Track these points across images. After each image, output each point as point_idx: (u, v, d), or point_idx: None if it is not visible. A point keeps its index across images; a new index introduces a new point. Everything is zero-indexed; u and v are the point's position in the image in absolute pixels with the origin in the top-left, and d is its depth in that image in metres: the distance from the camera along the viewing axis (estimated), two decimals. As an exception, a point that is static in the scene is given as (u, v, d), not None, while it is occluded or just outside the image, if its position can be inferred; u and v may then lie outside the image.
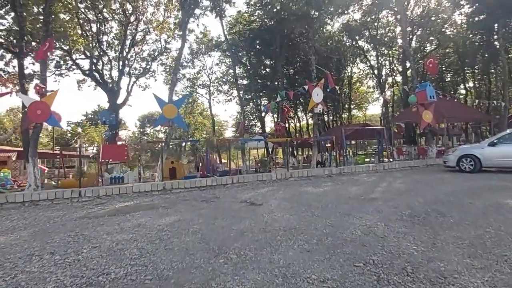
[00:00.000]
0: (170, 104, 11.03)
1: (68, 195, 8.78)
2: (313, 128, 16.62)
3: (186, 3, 13.80)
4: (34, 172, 9.59)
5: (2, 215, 7.48)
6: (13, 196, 8.28)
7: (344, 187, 9.61)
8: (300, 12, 16.80)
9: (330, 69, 35.12)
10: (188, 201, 8.35)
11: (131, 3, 21.40)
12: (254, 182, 11.21)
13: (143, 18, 24.08)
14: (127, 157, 13.72)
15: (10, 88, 13.43)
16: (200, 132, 45.05)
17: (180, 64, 32.99)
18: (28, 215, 7.33)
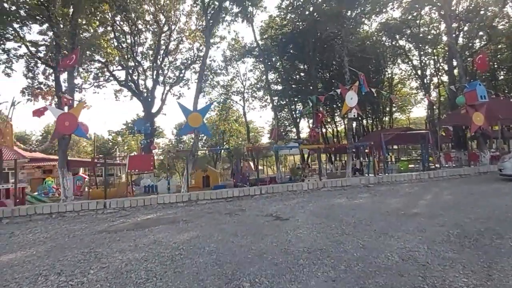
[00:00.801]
0: (195, 112, 10.79)
1: (93, 206, 8.73)
2: (347, 134, 15.64)
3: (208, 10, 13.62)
4: (63, 183, 9.70)
5: (28, 227, 7.51)
6: (41, 208, 8.36)
7: (382, 199, 8.71)
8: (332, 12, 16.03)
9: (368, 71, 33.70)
10: (211, 214, 7.94)
11: (164, 13, 21.79)
12: (284, 192, 10.59)
13: (176, 28, 24.45)
14: (153, 167, 13.68)
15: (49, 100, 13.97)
16: (235, 139, 45.10)
17: (214, 72, 33.29)
18: (51, 228, 7.29)
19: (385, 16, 30.44)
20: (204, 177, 23.50)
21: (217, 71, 33.93)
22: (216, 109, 38.35)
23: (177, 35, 25.04)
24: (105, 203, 8.83)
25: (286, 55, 27.83)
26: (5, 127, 11.03)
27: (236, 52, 30.18)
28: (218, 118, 40.91)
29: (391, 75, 38.22)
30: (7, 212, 8.06)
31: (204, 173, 23.77)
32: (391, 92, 37.87)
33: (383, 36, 32.68)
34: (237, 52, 30.09)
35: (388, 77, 37.79)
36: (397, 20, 30.19)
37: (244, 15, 15.91)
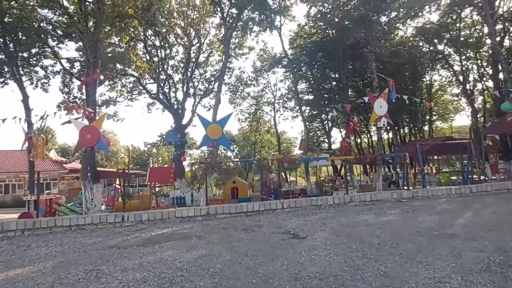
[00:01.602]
0: (214, 123, 10.58)
1: (111, 219, 8.68)
2: (377, 145, 14.73)
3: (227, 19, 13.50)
4: (86, 196, 9.81)
5: (45, 240, 7.55)
6: (61, 220, 8.43)
7: (414, 217, 7.90)
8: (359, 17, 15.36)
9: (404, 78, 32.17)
10: (226, 230, 7.57)
11: (193, 27, 22.16)
12: (308, 207, 10.00)
13: (205, 40, 24.80)
14: (173, 179, 13.58)
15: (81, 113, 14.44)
16: (267, 150, 44.76)
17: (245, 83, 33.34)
18: (67, 241, 7.26)
19: (421, 20, 29.03)
20: (233, 188, 23.31)
21: (247, 82, 33.98)
22: (247, 120, 38.31)
23: (207, 48, 25.41)
24: (123, 216, 8.75)
25: (317, 64, 27.27)
26: (37, 139, 11.46)
27: (266, 62, 30.07)
28: (249, 129, 40.83)
29: (430, 82, 36.27)
30: (29, 224, 8.20)
31: (233, 184, 23.58)
32: (430, 100, 35.95)
33: (420, 41, 31.13)
34: (266, 62, 29.97)
35: (426, 84, 35.88)
36: (435, 23, 28.66)
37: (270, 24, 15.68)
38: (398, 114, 32.34)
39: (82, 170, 10.33)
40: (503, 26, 25.26)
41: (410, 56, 30.29)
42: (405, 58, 29.36)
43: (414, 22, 28.90)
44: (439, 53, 31.37)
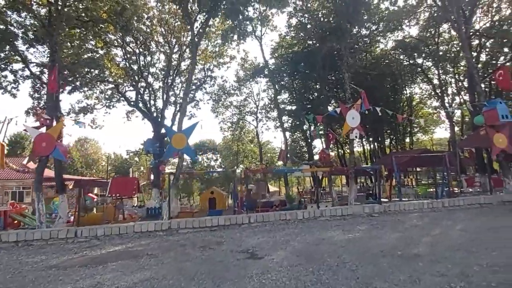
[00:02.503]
0: (179, 133, 10.13)
1: (63, 235, 8.09)
2: (350, 158, 14.51)
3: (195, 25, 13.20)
4: (39, 208, 9.16)
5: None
6: (7, 235, 7.79)
7: (381, 234, 7.59)
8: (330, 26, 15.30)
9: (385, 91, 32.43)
10: (183, 248, 7.09)
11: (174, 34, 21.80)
12: (276, 222, 9.61)
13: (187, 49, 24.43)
14: (135, 191, 12.98)
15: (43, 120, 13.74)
16: (250, 159, 44.30)
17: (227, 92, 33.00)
18: (7, 260, 6.65)
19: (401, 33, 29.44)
20: (211, 199, 22.71)
21: (230, 91, 33.66)
22: (230, 129, 37.92)
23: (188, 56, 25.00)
24: (76, 231, 8.17)
25: (298, 74, 27.20)
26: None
27: (247, 72, 29.88)
28: (231, 138, 40.39)
29: (411, 95, 36.73)
30: (-29, 240, 7.54)
31: (211, 195, 22.99)
32: (411, 113, 36.36)
33: (400, 54, 31.53)
34: (248, 72, 29.78)
35: (407, 97, 36.30)
36: (415, 38, 29.09)
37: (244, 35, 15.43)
38: (379, 126, 32.51)
39: (36, 181, 9.68)
40: (479, 41, 25.76)
41: (391, 69, 30.58)
42: (385, 70, 29.59)
43: (394, 36, 29.27)
44: (418, 67, 31.82)
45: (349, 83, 13.77)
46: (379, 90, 30.26)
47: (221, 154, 49.54)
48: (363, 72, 29.44)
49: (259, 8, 21.12)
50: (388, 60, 31.19)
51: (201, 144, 51.91)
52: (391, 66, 30.97)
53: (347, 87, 13.82)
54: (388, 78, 31.35)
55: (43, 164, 9.83)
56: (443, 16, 21.38)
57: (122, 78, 20.52)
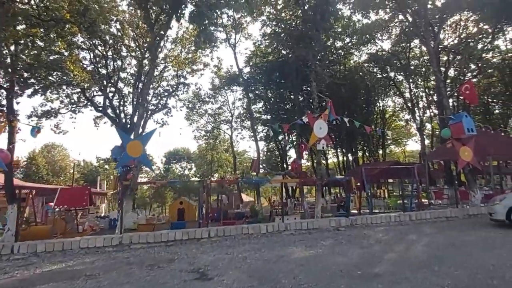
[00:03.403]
0: (135, 140, 9.53)
1: (-4, 251, 7.26)
2: (316, 168, 14.27)
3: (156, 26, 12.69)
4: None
5: None
6: None
7: (344, 250, 7.22)
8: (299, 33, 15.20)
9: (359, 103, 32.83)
10: (129, 266, 6.45)
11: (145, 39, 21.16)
12: (238, 236, 9.09)
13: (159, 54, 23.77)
14: (86, 202, 12.11)
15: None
16: (224, 169, 43.58)
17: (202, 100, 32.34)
18: None
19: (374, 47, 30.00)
20: (180, 210, 21.86)
21: (205, 99, 33.07)
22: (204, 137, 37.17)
23: (161, 61, 24.35)
24: (13, 247, 7.35)
25: (273, 84, 27.04)
26: None
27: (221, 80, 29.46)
28: (205, 147, 39.60)
29: (383, 107, 37.40)
30: None
31: (180, 205, 22.16)
32: (383, 125, 36.98)
33: (374, 67, 32.09)
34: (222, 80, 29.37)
35: (380, 109, 36.92)
36: (387, 51, 29.69)
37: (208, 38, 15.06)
38: (352, 138, 32.78)
39: None
40: (447, 57, 26.53)
41: (364, 81, 31.02)
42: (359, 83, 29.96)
43: (367, 49, 29.77)
44: (391, 80, 32.46)
45: (316, 92, 13.58)
46: (353, 102, 30.58)
47: (195, 163, 48.52)
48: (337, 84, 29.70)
49: (233, 15, 20.91)
50: (362, 73, 31.65)
51: (174, 152, 50.75)
52: (365, 79, 31.43)
53: (314, 96, 13.61)
54: (362, 90, 31.75)
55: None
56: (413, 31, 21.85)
57: (88, 82, 19.58)
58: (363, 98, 33.15)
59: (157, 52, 14.47)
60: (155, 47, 12.26)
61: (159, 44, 13.83)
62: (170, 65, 25.21)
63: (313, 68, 13.84)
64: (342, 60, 30.61)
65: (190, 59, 24.41)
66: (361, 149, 39.71)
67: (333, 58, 29.66)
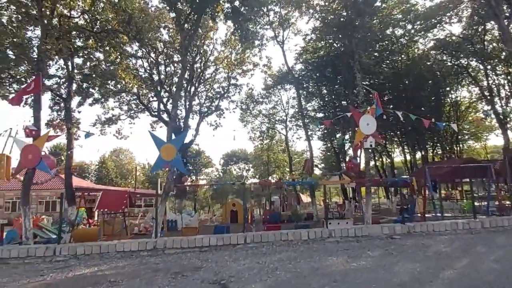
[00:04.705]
0: (168, 144, 9.39)
1: (41, 253, 7.60)
2: (365, 168, 12.88)
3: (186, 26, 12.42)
4: (25, 223, 8.82)
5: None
6: (-17, 252, 7.44)
7: (393, 264, 6.18)
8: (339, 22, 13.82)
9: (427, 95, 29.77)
10: (154, 274, 6.23)
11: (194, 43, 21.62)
12: (276, 242, 8.45)
13: (208, 57, 24.16)
14: (125, 206, 12.31)
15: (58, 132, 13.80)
16: (282, 169, 42.95)
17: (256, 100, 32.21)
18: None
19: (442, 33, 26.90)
20: (232, 211, 21.84)
21: (258, 99, 32.87)
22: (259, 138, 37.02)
23: (210, 64, 24.76)
24: (55, 249, 7.64)
25: (326, 80, 25.75)
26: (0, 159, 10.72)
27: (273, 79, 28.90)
28: (261, 148, 39.43)
29: (456, 99, 33.55)
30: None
31: (233, 207, 22.15)
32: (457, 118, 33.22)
33: (442, 55, 28.84)
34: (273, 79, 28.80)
35: (452, 101, 33.17)
36: (458, 36, 26.42)
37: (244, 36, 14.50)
38: (419, 133, 29.97)
39: (22, 195, 9.41)
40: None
41: (432, 71, 28.04)
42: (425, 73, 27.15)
43: (432, 35, 26.81)
44: (463, 67, 28.93)
45: (361, 84, 12.31)
46: (419, 94, 27.86)
47: (252, 164, 48.74)
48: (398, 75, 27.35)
49: (279, 11, 20.25)
50: (428, 61, 28.67)
51: (232, 153, 51.59)
52: (432, 68, 28.44)
53: (360, 89, 12.35)
54: (429, 80, 28.80)
55: (29, 177, 9.56)
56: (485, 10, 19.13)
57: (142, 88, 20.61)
58: (431, 90, 30.07)
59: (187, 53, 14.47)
60: (185, 47, 12.18)
61: (189, 44, 13.78)
62: (220, 67, 25.49)
63: (357, 58, 12.61)
64: (404, 49, 28.05)
65: (238, 59, 24.40)
66: (432, 145, 36.23)
67: (394, 47, 27.32)
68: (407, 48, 28.22)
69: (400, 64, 27.17)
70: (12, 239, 11.42)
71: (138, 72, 21.30)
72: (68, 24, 13.10)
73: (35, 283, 5.88)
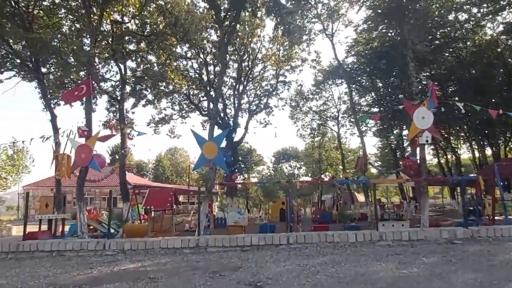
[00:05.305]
0: (210, 141, 9.35)
1: (92, 247, 8.02)
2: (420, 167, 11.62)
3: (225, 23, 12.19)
4: (80, 218, 9.40)
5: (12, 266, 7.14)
6: (43, 244, 8.03)
7: (449, 272, 5.47)
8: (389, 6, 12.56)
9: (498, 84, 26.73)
10: (192, 272, 6.21)
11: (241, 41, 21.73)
12: (321, 244, 8.02)
13: (257, 55, 24.13)
14: (171, 204, 12.48)
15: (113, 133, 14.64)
16: (334, 167, 41.62)
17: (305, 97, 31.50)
18: (28, 271, 6.74)
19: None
20: (282, 210, 21.57)
21: (308, 96, 32.07)
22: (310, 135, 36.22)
23: (258, 62, 24.73)
24: (105, 244, 8.02)
25: (380, 73, 24.26)
26: (62, 158, 11.62)
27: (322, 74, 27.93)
28: (311, 145, 38.55)
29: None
30: (13, 246, 7.97)
31: (282, 205, 21.87)
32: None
33: (515, 39, 25.65)
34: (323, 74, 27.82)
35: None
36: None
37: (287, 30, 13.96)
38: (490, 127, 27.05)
39: (77, 191, 10.06)
40: None
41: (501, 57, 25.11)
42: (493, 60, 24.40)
43: (502, 18, 23.95)
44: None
45: (415, 74, 11.21)
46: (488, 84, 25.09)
47: (303, 162, 47.97)
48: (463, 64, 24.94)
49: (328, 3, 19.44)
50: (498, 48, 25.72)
51: (283, 151, 51.25)
52: (502, 54, 25.48)
53: (413, 79, 11.24)
54: (500, 68, 25.83)
55: (83, 175, 10.19)
56: None
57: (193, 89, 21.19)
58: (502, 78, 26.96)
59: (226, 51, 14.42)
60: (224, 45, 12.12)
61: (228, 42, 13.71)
62: (268, 64, 25.32)
63: (409, 46, 11.54)
64: (470, 35, 25.44)
65: (286, 56, 24.05)
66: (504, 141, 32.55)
67: (457, 34, 24.91)
68: (472, 34, 25.57)
69: (465, 52, 24.74)
70: (74, 232, 12.33)
71: (189, 73, 21.96)
72: (120, 29, 13.88)
73: (83, 276, 6.18)
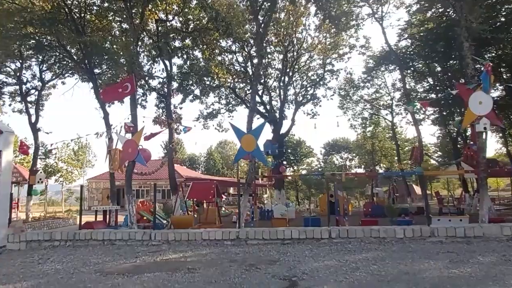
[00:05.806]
0: (248, 134, 9.24)
1: (139, 237, 8.42)
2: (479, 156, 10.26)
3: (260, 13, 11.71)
4: (129, 209, 9.92)
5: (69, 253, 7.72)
6: (96, 234, 8.61)
7: (506, 273, 4.86)
8: None
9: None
10: (229, 264, 6.24)
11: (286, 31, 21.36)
12: (364, 239, 7.60)
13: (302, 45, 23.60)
14: (212, 196, 12.60)
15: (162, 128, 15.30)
16: (389, 158, 39.48)
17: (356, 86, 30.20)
18: (81, 258, 7.26)
19: None
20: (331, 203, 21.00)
21: (359, 84, 30.61)
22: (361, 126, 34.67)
23: (303, 52, 24.15)
24: (151, 235, 8.39)
25: (437, 56, 22.29)
26: (114, 153, 12.42)
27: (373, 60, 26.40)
28: (363, 135, 36.90)
29: None
30: (71, 235, 8.64)
31: (331, 198, 21.31)
32: None
33: None
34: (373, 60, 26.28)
35: None
36: None
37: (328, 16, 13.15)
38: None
39: (126, 185, 10.62)
40: None
41: None
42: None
43: None
44: None
45: (470, 55, 10.01)
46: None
47: (355, 153, 46.29)
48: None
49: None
50: None
51: (333, 143, 49.90)
52: None
53: (468, 61, 10.04)
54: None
55: (131, 169, 10.73)
56: None
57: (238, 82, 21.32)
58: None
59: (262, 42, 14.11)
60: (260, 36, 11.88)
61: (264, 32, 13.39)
62: (314, 53, 24.62)
63: (463, 24, 10.38)
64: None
65: (333, 43, 23.17)
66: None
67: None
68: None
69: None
70: (129, 223, 13.15)
71: (234, 66, 22.13)
72: (165, 27, 14.37)
73: (128, 264, 6.52)
